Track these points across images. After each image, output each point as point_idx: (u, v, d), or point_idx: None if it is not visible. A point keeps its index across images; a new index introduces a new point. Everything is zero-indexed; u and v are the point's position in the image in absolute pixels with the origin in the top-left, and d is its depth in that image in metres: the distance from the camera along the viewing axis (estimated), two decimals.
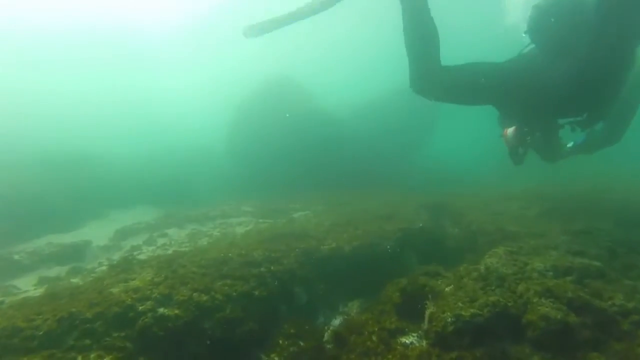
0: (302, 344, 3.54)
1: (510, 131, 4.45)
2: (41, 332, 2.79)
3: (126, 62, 33.90)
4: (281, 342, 3.62)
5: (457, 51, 7.20)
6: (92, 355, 2.70)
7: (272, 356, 3.45)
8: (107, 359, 2.70)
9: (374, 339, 3.13)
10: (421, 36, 4.26)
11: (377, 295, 4.12)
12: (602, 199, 6.94)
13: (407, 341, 3.09)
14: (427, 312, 3.26)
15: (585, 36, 3.48)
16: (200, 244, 6.02)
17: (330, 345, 3.30)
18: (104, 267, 5.34)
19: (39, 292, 4.48)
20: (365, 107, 16.04)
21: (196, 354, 3.15)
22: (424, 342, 2.99)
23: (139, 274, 3.95)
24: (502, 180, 11.85)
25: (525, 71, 4.07)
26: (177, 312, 3.22)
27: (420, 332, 3.18)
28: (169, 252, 5.68)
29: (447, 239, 6.23)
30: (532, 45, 4.18)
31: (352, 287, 4.95)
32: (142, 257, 5.52)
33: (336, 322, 4.26)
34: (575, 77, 3.62)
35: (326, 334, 3.54)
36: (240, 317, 3.54)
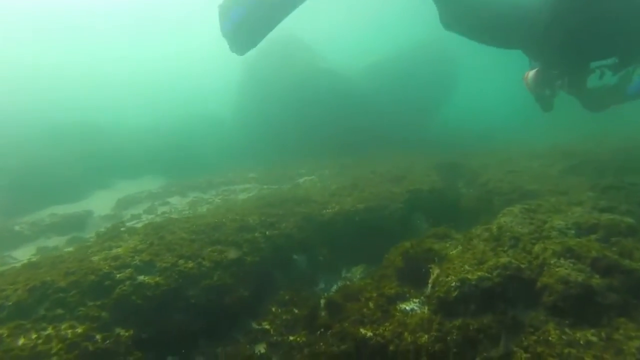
0: (296, 311, 3.31)
1: (531, 74, 3.92)
2: (10, 303, 2.63)
3: (132, 29, 33.23)
4: (274, 309, 3.40)
5: None
6: (63, 325, 2.52)
7: (264, 324, 3.23)
8: (80, 329, 2.51)
9: (371, 305, 2.85)
10: None
11: (383, 260, 3.82)
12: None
13: (408, 307, 2.79)
14: (431, 277, 2.97)
15: None
16: (199, 211, 5.81)
17: (324, 312, 3.04)
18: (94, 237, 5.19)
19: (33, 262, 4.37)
20: (380, 64, 15.14)
21: (180, 322, 2.96)
22: (426, 309, 2.69)
23: (125, 241, 3.75)
24: (530, 139, 11.10)
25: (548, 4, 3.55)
26: (158, 279, 3.01)
27: (422, 297, 2.88)
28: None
29: (460, 200, 5.84)
30: None
31: (357, 251, 4.66)
32: (139, 225, 5.36)
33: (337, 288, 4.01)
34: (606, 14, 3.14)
35: (322, 301, 3.28)
36: (229, 284, 3.31)
